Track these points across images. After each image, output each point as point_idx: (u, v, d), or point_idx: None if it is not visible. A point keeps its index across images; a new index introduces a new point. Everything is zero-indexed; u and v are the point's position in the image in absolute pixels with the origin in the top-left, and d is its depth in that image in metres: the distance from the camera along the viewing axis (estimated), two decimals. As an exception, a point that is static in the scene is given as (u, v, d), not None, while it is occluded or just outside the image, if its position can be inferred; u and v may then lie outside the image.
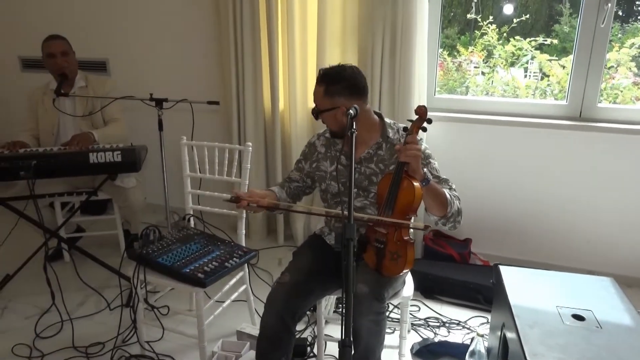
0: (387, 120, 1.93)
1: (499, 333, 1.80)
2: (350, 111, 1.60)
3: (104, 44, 3.53)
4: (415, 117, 1.71)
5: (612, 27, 2.53)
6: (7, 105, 4.05)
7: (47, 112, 2.82)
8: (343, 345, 1.03)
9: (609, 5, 2.45)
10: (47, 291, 2.37)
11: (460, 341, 2.28)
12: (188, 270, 1.92)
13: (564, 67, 2.89)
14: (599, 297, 1.73)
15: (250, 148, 2.27)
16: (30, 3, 3.67)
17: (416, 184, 1.63)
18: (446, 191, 1.72)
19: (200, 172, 2.38)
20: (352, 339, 1.06)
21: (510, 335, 1.64)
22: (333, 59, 2.82)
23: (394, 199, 1.65)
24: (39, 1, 3.63)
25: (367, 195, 1.88)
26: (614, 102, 2.83)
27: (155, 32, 3.39)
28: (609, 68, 2.77)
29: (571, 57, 2.67)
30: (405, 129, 1.74)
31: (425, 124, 1.70)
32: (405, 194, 1.63)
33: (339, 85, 1.78)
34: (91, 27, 3.52)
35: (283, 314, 1.71)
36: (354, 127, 1.52)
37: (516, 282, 1.83)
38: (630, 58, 2.77)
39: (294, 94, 2.96)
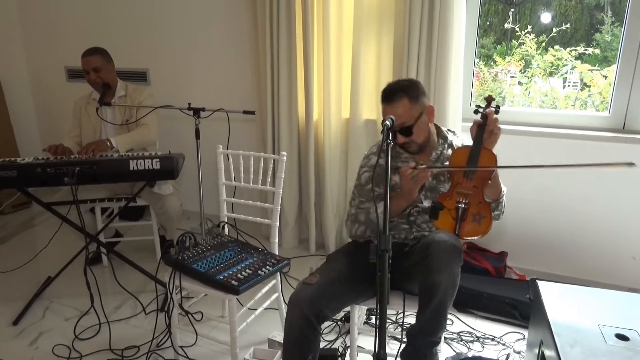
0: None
1: (537, 350, 1.75)
2: (387, 122, 1.58)
3: (144, 54, 3.65)
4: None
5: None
6: (53, 114, 4.24)
7: (90, 120, 2.94)
8: (377, 358, 1.02)
9: (655, 13, 2.38)
10: (86, 294, 2.43)
11: (495, 357, 2.22)
12: (222, 277, 1.94)
13: (605, 77, 2.81)
14: (645, 317, 1.65)
15: (285, 157, 2.29)
16: (75, 15, 3.83)
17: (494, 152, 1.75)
18: None
19: (235, 181, 2.42)
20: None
21: (549, 353, 1.59)
22: (367, 72, 2.84)
23: (474, 164, 1.74)
24: (83, 13, 3.79)
25: (435, 197, 1.91)
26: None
27: (194, 43, 3.47)
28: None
29: (614, 66, 2.59)
30: (476, 111, 1.86)
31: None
32: (485, 161, 1.75)
33: (416, 88, 1.84)
34: (133, 38, 3.64)
35: (307, 312, 1.68)
36: (389, 137, 1.51)
37: (555, 298, 1.77)
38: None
39: (328, 105, 2.98)
